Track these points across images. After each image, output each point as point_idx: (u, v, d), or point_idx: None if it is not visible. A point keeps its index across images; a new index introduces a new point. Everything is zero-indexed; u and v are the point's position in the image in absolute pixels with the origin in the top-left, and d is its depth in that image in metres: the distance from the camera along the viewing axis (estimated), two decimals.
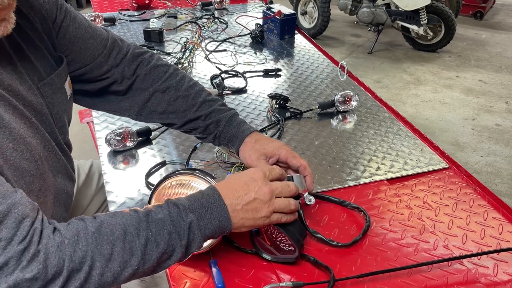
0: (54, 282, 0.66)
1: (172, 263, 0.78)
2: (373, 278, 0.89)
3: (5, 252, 0.64)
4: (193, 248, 0.79)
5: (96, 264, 0.70)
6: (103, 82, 1.07)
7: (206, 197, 0.81)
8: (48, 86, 0.91)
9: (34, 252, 0.66)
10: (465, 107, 3.69)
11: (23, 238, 0.66)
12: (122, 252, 0.72)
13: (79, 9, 5.44)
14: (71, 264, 0.68)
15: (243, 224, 0.83)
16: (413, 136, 1.37)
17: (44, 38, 0.92)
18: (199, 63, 1.77)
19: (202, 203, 0.80)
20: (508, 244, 1.00)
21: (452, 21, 4.33)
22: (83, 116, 2.22)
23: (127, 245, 0.72)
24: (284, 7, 2.05)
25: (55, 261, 0.67)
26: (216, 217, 0.80)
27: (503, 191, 2.75)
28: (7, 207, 0.66)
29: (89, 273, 0.69)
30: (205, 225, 0.79)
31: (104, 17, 2.05)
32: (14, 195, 0.68)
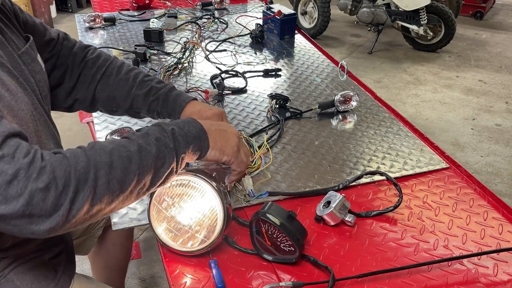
0: (65, 193, 0.69)
1: (166, 170, 0.82)
2: (373, 278, 0.89)
3: (12, 164, 0.67)
4: (180, 153, 0.84)
5: (100, 172, 0.73)
6: (59, 72, 1.14)
7: (182, 121, 0.91)
8: (26, 55, 0.96)
9: (41, 166, 0.69)
10: (465, 107, 3.69)
11: (26, 154, 0.69)
12: (120, 159, 0.76)
13: (79, 9, 5.44)
14: (77, 173, 0.71)
15: (216, 143, 0.91)
16: (413, 136, 1.37)
17: (13, 21, 1.00)
18: (199, 63, 1.77)
19: (179, 122, 0.90)
20: (508, 244, 1.00)
21: (452, 21, 4.33)
22: (83, 116, 2.22)
23: (123, 153, 0.77)
24: (284, 7, 2.05)
25: (61, 173, 0.70)
26: (193, 128, 0.89)
27: (503, 191, 2.75)
28: (6, 130, 0.70)
29: (96, 182, 0.72)
30: (186, 133, 0.86)
31: (104, 17, 2.05)
32: (12, 125, 0.72)
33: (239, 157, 0.97)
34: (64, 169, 0.70)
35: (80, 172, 0.71)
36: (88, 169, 0.72)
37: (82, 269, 2.02)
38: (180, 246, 0.94)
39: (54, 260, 1.05)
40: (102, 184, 0.73)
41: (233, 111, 1.47)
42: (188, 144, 0.86)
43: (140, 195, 0.80)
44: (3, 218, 0.68)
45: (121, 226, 1.01)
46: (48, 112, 1.02)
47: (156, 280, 2.11)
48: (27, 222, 0.69)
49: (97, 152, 0.75)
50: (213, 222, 0.92)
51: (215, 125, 0.94)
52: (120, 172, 0.75)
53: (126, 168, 0.76)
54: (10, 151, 0.69)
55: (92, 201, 0.72)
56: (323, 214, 1.01)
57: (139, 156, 0.78)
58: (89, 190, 0.71)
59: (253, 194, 1.08)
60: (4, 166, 0.67)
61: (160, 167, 0.81)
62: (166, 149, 0.82)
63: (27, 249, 0.99)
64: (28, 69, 0.96)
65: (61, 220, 0.70)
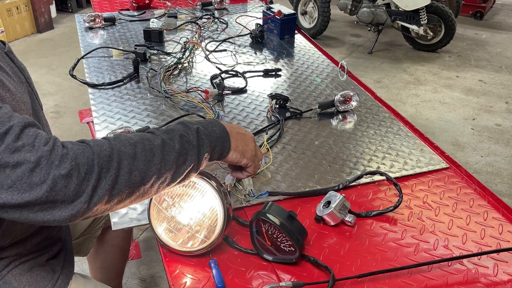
0: (88, 180, 0.70)
1: (187, 168, 0.82)
2: (373, 278, 0.89)
3: (33, 152, 0.68)
4: (203, 152, 0.84)
5: (123, 162, 0.73)
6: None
7: (205, 120, 0.91)
8: (11, 53, 0.99)
9: (62, 153, 0.70)
10: (465, 107, 3.69)
11: (46, 142, 0.70)
12: (143, 152, 0.76)
13: (79, 9, 5.44)
14: (100, 161, 0.71)
15: (237, 145, 0.91)
16: (413, 136, 1.37)
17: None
18: (199, 63, 1.77)
19: (203, 121, 0.90)
20: (508, 244, 1.00)
21: (452, 21, 4.33)
22: (83, 116, 2.22)
23: (147, 146, 0.77)
24: (284, 7, 2.05)
25: (84, 159, 0.70)
26: (217, 128, 0.89)
27: (503, 191, 2.75)
28: (22, 121, 0.71)
29: (118, 171, 0.73)
30: (210, 133, 0.87)
31: (104, 17, 2.05)
32: (26, 116, 0.73)
33: (256, 160, 0.98)
34: (87, 156, 0.71)
35: (103, 160, 0.72)
36: (111, 157, 0.73)
37: (81, 269, 2.02)
38: (180, 246, 0.94)
39: (52, 261, 1.05)
40: (125, 174, 0.73)
41: (233, 111, 1.47)
42: (212, 143, 0.87)
43: (160, 190, 0.81)
44: (28, 205, 0.68)
45: (121, 226, 1.01)
46: (41, 107, 1.04)
47: (156, 280, 2.11)
48: (50, 208, 0.69)
49: (121, 142, 0.76)
50: (213, 222, 0.92)
51: (235, 128, 0.94)
52: (143, 164, 0.75)
53: (148, 161, 0.76)
54: (30, 140, 0.69)
55: (114, 190, 0.72)
56: (323, 214, 1.01)
57: (162, 151, 0.78)
58: (111, 178, 0.72)
59: (253, 194, 1.08)
60: (26, 155, 0.68)
61: (182, 164, 0.81)
62: (189, 146, 0.82)
63: (25, 248, 0.99)
64: (16, 65, 0.97)
65: (83, 207, 0.70)
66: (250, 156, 0.95)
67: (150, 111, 1.43)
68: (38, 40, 4.68)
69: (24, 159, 0.67)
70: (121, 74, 1.63)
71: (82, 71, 1.68)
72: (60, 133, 3.12)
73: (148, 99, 1.50)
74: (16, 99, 0.84)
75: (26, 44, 4.59)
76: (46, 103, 3.45)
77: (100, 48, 1.81)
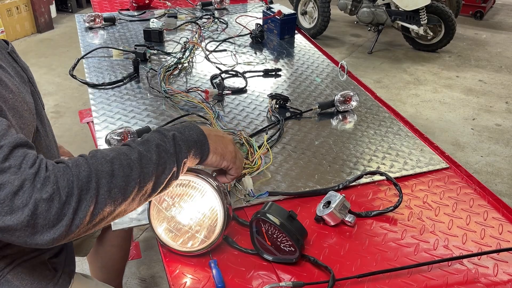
0: (68, 203, 0.70)
1: (167, 176, 0.82)
2: (373, 278, 0.89)
3: (19, 175, 0.69)
4: (182, 159, 0.84)
5: (101, 181, 0.74)
6: None
7: (181, 125, 0.91)
8: (14, 53, 0.99)
9: (45, 176, 0.70)
10: (465, 107, 3.69)
11: (32, 164, 0.70)
12: (121, 167, 0.76)
13: (79, 9, 5.44)
14: (79, 183, 0.72)
15: (216, 148, 0.92)
16: (413, 136, 1.37)
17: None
18: (199, 63, 1.77)
19: (179, 127, 0.90)
20: (508, 244, 1.00)
21: (452, 21, 4.33)
22: (83, 116, 2.22)
23: (124, 161, 0.77)
24: (284, 7, 2.05)
25: (64, 183, 0.71)
26: (194, 133, 0.89)
27: (503, 191, 2.75)
28: (13, 141, 0.71)
29: (98, 191, 0.73)
30: (187, 138, 0.87)
31: (104, 17, 2.05)
32: (19, 135, 0.73)
33: (237, 162, 0.98)
34: (67, 179, 0.71)
35: (82, 181, 0.72)
36: (90, 178, 0.73)
37: (81, 269, 2.02)
38: (180, 246, 0.94)
39: (53, 260, 1.05)
40: (104, 193, 0.73)
41: (233, 111, 1.47)
42: (189, 148, 0.86)
43: (142, 202, 0.81)
44: (9, 229, 0.69)
45: (120, 226, 1.01)
46: (43, 107, 1.05)
47: (156, 280, 2.11)
48: (31, 233, 0.69)
49: (98, 161, 0.76)
50: (213, 222, 0.92)
51: (213, 131, 0.95)
52: (121, 180, 0.75)
53: (127, 176, 0.76)
54: (17, 162, 0.70)
55: (95, 210, 0.73)
56: (323, 214, 1.01)
57: (140, 164, 0.78)
58: (91, 199, 0.72)
59: (253, 194, 1.08)
60: (11, 177, 0.68)
61: (161, 174, 0.81)
62: (166, 155, 0.82)
63: (26, 247, 0.99)
64: (19, 65, 0.98)
65: (64, 230, 0.70)
66: (231, 158, 0.95)
67: (150, 111, 1.43)
68: (38, 40, 4.68)
69: (8, 181, 0.68)
70: (121, 74, 1.63)
71: (82, 71, 1.68)
72: (60, 133, 3.12)
73: (148, 99, 1.50)
74: (18, 100, 0.84)
75: (26, 44, 4.59)
76: (46, 103, 3.45)
77: (100, 48, 1.81)
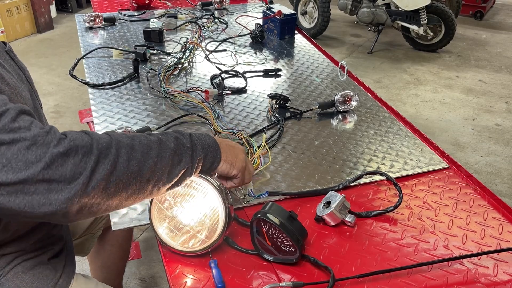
0: (86, 162, 0.70)
1: (182, 169, 0.83)
2: (373, 278, 0.89)
3: (30, 132, 0.68)
4: (197, 156, 0.86)
5: (121, 150, 0.74)
6: None
7: (196, 132, 0.92)
8: (11, 52, 1.00)
9: (60, 136, 0.70)
10: (465, 107, 3.69)
11: (41, 127, 0.70)
12: (140, 144, 0.78)
13: (79, 9, 5.44)
14: (99, 146, 0.72)
15: (227, 157, 0.93)
16: (413, 136, 1.37)
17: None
18: (199, 63, 1.77)
19: (194, 132, 0.91)
20: (508, 244, 1.00)
21: (452, 21, 4.33)
22: (83, 116, 2.23)
23: (144, 140, 0.79)
24: (284, 7, 2.05)
25: (83, 143, 0.71)
26: (207, 138, 0.91)
27: (503, 191, 2.75)
28: (19, 107, 0.72)
29: (117, 157, 0.73)
30: (201, 141, 0.89)
31: (104, 17, 2.05)
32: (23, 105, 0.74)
33: (246, 174, 0.98)
34: (85, 140, 0.72)
35: (102, 145, 0.73)
36: (110, 144, 0.74)
37: (82, 269, 2.02)
38: (180, 246, 0.94)
39: (54, 260, 1.05)
40: (123, 162, 0.74)
41: (233, 111, 1.47)
42: (204, 150, 0.89)
43: (154, 191, 0.80)
44: (24, 183, 0.67)
45: (121, 226, 1.01)
46: (41, 106, 1.05)
47: (156, 280, 2.11)
48: (46, 190, 0.68)
49: (119, 134, 0.78)
50: (215, 222, 0.92)
51: (225, 141, 0.97)
52: (140, 155, 0.77)
53: (146, 153, 0.77)
54: (26, 124, 0.70)
55: (112, 176, 0.72)
56: (323, 214, 1.01)
57: (159, 147, 0.80)
58: (109, 163, 0.72)
59: (253, 194, 1.08)
60: (22, 134, 0.68)
61: (177, 164, 0.82)
62: (183, 147, 0.84)
63: (27, 245, 0.99)
64: (17, 65, 0.99)
65: (80, 189, 0.69)
66: (240, 168, 0.96)
67: (150, 111, 1.43)
68: (38, 40, 4.68)
69: (20, 137, 0.67)
70: (121, 74, 1.63)
71: (82, 71, 1.68)
72: None
73: (148, 99, 1.50)
74: (15, 93, 0.84)
75: (26, 44, 4.59)
76: (46, 103, 3.45)
77: (100, 48, 1.81)
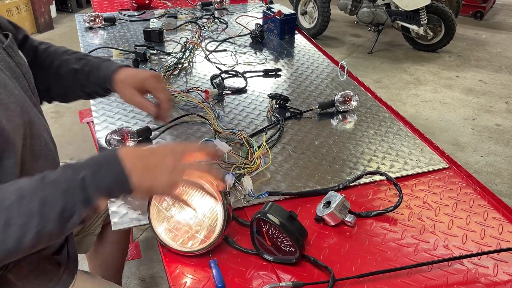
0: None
1: (78, 220, 0.76)
2: (373, 278, 0.89)
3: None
4: (92, 202, 0.76)
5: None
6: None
7: (103, 155, 0.81)
8: (10, 48, 0.98)
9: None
10: (465, 107, 3.69)
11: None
12: (18, 216, 0.72)
13: (79, 9, 5.44)
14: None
15: (141, 184, 0.79)
16: (413, 136, 1.37)
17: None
18: (199, 63, 1.77)
19: (98, 160, 0.79)
20: (508, 244, 1.00)
21: (452, 21, 4.33)
22: (83, 116, 2.22)
23: (23, 208, 0.72)
24: (284, 7, 2.05)
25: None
26: (112, 171, 0.77)
27: (503, 191, 2.75)
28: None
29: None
30: (100, 180, 0.76)
31: (104, 17, 2.05)
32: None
33: (170, 191, 0.85)
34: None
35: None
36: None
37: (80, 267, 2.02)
38: (180, 246, 0.94)
39: (57, 256, 1.05)
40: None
41: (233, 111, 1.47)
42: (103, 191, 0.77)
43: (52, 239, 0.77)
44: None
45: (121, 226, 1.01)
46: (38, 103, 1.04)
47: (156, 280, 2.11)
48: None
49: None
50: (213, 222, 0.92)
51: (144, 158, 0.81)
52: (18, 230, 0.72)
53: (24, 225, 0.72)
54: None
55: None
56: (323, 214, 1.01)
57: (41, 212, 0.73)
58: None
59: (253, 194, 1.08)
60: None
61: (68, 219, 0.75)
62: (75, 201, 0.75)
63: None
64: (14, 61, 0.97)
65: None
66: (161, 191, 0.85)
67: None
68: None
69: None
70: None
71: None
72: (60, 133, 3.12)
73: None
74: (4, 92, 0.84)
75: None
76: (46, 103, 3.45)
77: (100, 48, 1.81)
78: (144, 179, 0.79)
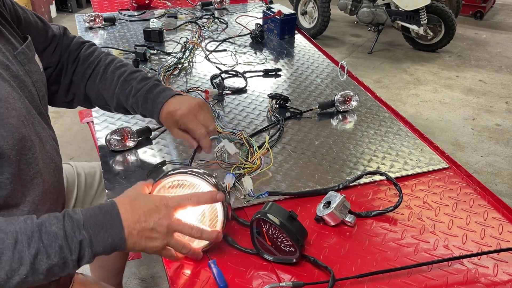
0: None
1: (63, 274, 0.78)
2: (373, 278, 0.89)
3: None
4: (84, 262, 0.79)
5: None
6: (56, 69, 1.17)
7: (103, 214, 0.81)
8: (22, 55, 0.96)
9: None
10: (465, 107, 3.69)
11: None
12: (10, 261, 0.72)
13: (79, 9, 5.44)
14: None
15: (134, 246, 0.83)
16: (413, 136, 1.37)
17: (11, 22, 1.01)
18: (199, 63, 1.77)
19: (98, 220, 0.80)
20: (508, 244, 1.00)
21: (452, 21, 4.33)
22: (83, 116, 2.23)
23: (17, 254, 0.72)
24: (284, 7, 2.05)
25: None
26: (110, 236, 0.80)
27: (503, 191, 2.75)
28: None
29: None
30: (97, 244, 0.79)
31: (104, 17, 2.05)
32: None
33: (164, 255, 0.89)
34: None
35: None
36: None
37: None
38: None
39: None
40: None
41: (233, 111, 1.47)
42: (96, 253, 0.80)
43: (34, 285, 0.77)
44: None
45: None
46: (45, 112, 1.02)
47: (156, 280, 2.11)
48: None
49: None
50: (213, 222, 0.92)
51: (140, 224, 0.82)
52: (4, 274, 0.72)
53: (13, 271, 0.72)
54: None
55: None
56: (323, 214, 1.01)
57: (33, 262, 0.73)
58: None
59: (253, 194, 1.08)
60: None
61: (57, 272, 0.77)
62: (68, 258, 0.76)
63: None
64: (24, 69, 0.95)
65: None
66: (153, 253, 0.86)
67: None
68: None
69: None
70: None
71: None
72: (60, 133, 3.12)
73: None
74: (5, 106, 0.82)
75: None
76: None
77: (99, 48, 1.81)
78: (139, 243, 0.83)
